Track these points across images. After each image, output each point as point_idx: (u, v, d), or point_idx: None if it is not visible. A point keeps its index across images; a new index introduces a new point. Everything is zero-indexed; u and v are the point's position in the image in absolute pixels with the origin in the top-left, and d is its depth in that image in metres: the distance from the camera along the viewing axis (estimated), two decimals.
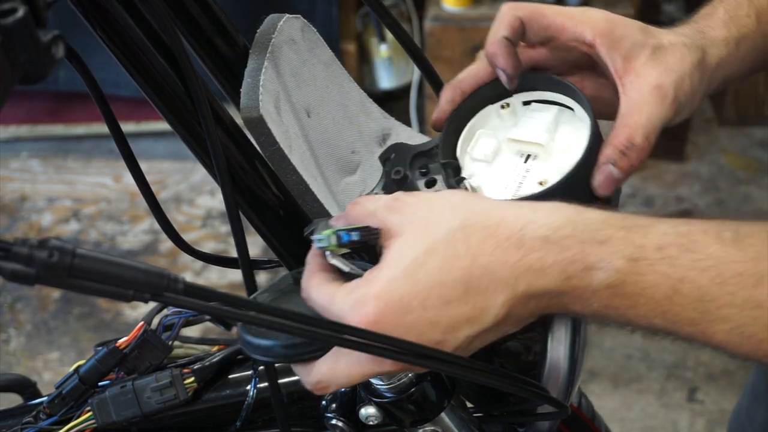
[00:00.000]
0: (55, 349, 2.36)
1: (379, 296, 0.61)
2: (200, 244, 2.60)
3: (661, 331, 0.63)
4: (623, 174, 0.73)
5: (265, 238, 0.81)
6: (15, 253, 0.51)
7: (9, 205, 2.82)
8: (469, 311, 0.62)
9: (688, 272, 0.60)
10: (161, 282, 0.55)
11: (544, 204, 0.65)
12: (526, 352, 0.83)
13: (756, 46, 0.83)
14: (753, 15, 0.83)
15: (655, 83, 0.75)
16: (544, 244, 0.61)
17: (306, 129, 0.79)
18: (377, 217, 0.66)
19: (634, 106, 0.75)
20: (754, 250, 0.59)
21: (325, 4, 2.79)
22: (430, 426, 0.79)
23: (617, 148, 0.73)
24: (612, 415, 2.09)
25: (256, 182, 0.78)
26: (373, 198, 0.69)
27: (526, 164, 0.78)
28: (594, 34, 0.77)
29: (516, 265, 0.62)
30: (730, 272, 0.59)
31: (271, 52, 0.75)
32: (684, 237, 0.61)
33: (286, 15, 0.79)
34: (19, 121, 3.01)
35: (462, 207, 0.64)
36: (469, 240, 0.62)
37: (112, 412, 0.86)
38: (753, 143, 2.87)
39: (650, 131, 0.74)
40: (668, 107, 0.75)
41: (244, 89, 0.73)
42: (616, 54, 0.77)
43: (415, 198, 0.67)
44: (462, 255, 0.62)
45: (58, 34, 0.53)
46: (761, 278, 0.58)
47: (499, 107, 0.82)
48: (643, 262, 0.60)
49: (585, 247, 0.61)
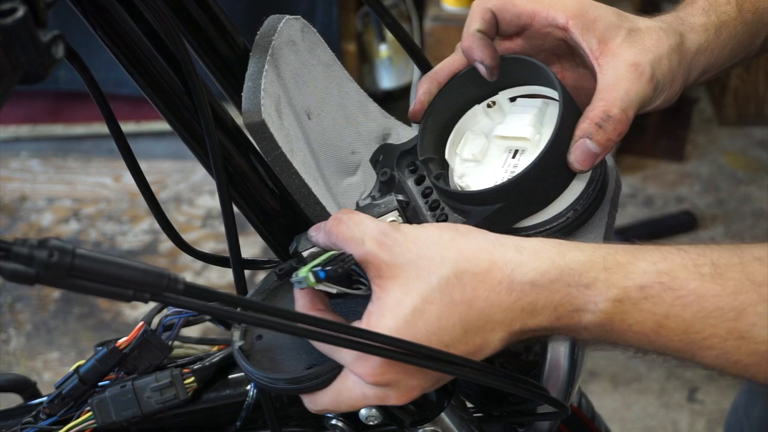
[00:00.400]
0: (55, 349, 2.36)
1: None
2: (200, 244, 2.60)
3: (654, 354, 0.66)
4: (601, 148, 0.73)
5: (264, 238, 0.81)
6: (15, 252, 0.51)
7: (9, 205, 2.82)
8: (468, 349, 0.65)
9: (671, 308, 0.62)
10: (161, 282, 0.55)
11: (529, 243, 0.66)
12: (526, 352, 0.83)
13: (737, 33, 0.82)
14: (734, 2, 0.82)
15: (632, 61, 0.75)
16: (532, 288, 0.64)
17: (307, 131, 0.79)
18: (365, 249, 0.66)
19: (611, 82, 0.75)
20: (733, 285, 0.62)
21: (326, 4, 2.79)
22: (430, 426, 0.79)
23: (593, 120, 0.73)
24: (612, 415, 2.09)
25: (256, 182, 0.78)
26: (358, 221, 0.68)
27: (514, 159, 0.78)
28: (567, 17, 0.77)
29: (509, 308, 0.64)
30: (712, 306, 0.62)
31: (272, 54, 0.75)
32: (665, 275, 0.63)
33: (285, 16, 0.79)
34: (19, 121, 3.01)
35: (452, 251, 0.65)
36: (464, 287, 0.64)
37: (112, 412, 0.86)
38: (753, 143, 2.87)
39: (627, 105, 0.74)
40: (646, 84, 0.75)
41: (245, 93, 0.73)
42: (591, 36, 0.76)
43: (404, 236, 0.67)
44: (458, 301, 0.64)
45: (58, 34, 0.53)
46: (742, 311, 0.61)
47: (486, 106, 0.82)
48: (627, 302, 0.63)
49: (571, 290, 0.64)
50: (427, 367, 0.65)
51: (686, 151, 2.81)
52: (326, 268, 0.65)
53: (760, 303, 0.61)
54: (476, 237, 0.67)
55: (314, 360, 0.70)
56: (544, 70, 0.77)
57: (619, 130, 0.73)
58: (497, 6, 0.79)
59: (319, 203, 0.76)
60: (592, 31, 0.76)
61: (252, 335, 0.72)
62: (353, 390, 0.66)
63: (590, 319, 0.64)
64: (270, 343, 0.72)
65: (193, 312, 0.89)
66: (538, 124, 0.78)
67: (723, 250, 0.64)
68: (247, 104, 0.73)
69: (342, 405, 0.68)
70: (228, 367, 0.91)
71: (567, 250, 0.65)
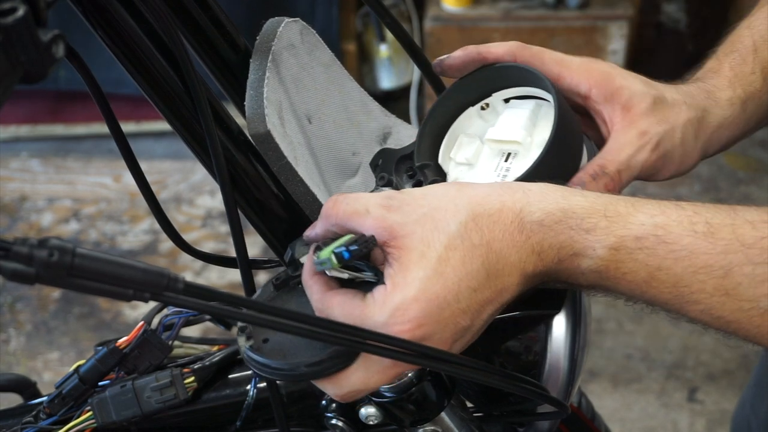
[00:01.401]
0: (55, 349, 2.36)
1: (417, 298, 0.64)
2: (200, 244, 2.60)
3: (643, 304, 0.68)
4: None
5: (265, 238, 0.81)
6: (15, 252, 0.51)
7: (9, 205, 2.82)
8: (491, 294, 0.66)
9: (663, 261, 0.65)
10: (161, 281, 0.55)
11: (534, 186, 0.68)
12: (526, 352, 0.83)
13: (762, 103, 0.83)
14: (758, 71, 0.83)
15: (643, 129, 0.77)
16: (540, 228, 0.66)
17: (308, 135, 0.79)
18: (372, 216, 0.66)
19: (617, 145, 0.77)
20: (723, 244, 0.64)
21: (325, 4, 2.79)
22: (430, 426, 0.79)
23: (587, 172, 0.75)
24: (612, 415, 2.09)
25: (256, 182, 0.78)
26: (356, 197, 0.68)
27: (506, 163, 0.78)
28: (590, 86, 0.79)
29: (522, 248, 0.66)
30: (701, 263, 0.64)
31: (272, 60, 0.75)
32: (660, 228, 0.65)
33: (285, 19, 0.79)
34: (19, 121, 3.01)
35: (462, 198, 0.67)
36: (481, 229, 0.65)
37: (112, 412, 0.86)
38: (753, 143, 2.87)
39: (624, 168, 0.76)
40: (649, 152, 0.77)
41: (248, 102, 0.73)
42: (616, 104, 0.78)
43: (410, 195, 0.68)
44: (477, 244, 0.65)
45: (58, 34, 0.53)
46: (730, 270, 0.64)
47: (479, 108, 0.82)
48: (623, 250, 0.65)
49: (573, 234, 0.66)
50: (426, 366, 0.65)
51: None
52: (350, 248, 0.64)
53: (747, 264, 0.63)
54: (480, 185, 0.69)
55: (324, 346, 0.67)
56: (537, 74, 0.77)
57: (609, 186, 0.75)
58: (524, 58, 0.79)
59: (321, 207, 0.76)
60: (617, 99, 0.78)
61: (258, 340, 0.71)
62: (381, 359, 0.65)
63: (588, 265, 0.66)
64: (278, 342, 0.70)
65: (193, 312, 0.89)
66: (531, 126, 0.78)
67: (718, 210, 0.66)
68: (251, 114, 0.73)
69: (372, 379, 0.67)
70: (228, 367, 0.91)
71: (570, 194, 0.67)
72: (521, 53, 0.80)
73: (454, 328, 0.65)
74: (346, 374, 0.67)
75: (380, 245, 0.66)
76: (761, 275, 0.63)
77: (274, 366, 0.68)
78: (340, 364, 0.66)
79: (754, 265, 0.63)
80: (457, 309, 0.65)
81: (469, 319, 0.66)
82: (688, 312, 0.66)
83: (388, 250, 0.66)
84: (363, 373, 0.67)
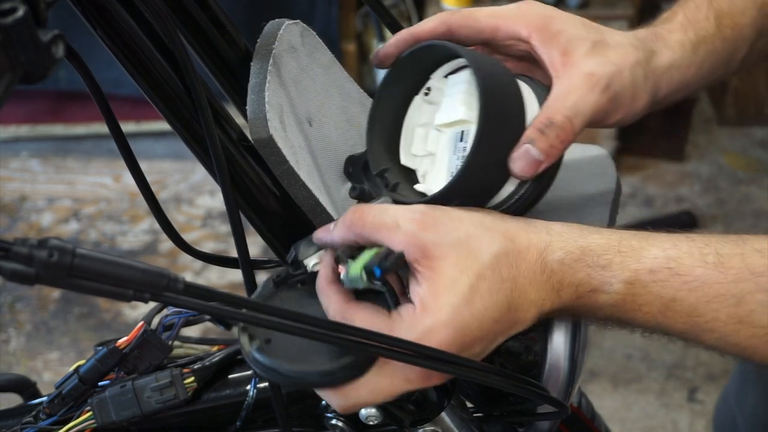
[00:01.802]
0: (55, 349, 2.36)
1: (447, 325, 0.65)
2: (200, 244, 2.60)
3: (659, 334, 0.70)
4: (543, 155, 0.72)
5: (265, 238, 0.81)
6: (15, 252, 0.51)
7: (9, 205, 2.82)
8: (506, 326, 0.68)
9: (677, 292, 0.66)
10: (161, 282, 0.55)
11: (555, 226, 0.70)
12: (526, 352, 0.83)
13: (715, 49, 0.82)
14: (712, 18, 0.82)
15: (588, 71, 0.75)
16: (560, 267, 0.67)
17: (309, 138, 0.79)
18: (403, 232, 0.66)
19: (562, 91, 0.74)
20: (734, 273, 0.66)
21: (325, 4, 2.79)
22: (430, 426, 0.79)
23: (535, 127, 0.72)
24: (612, 415, 2.09)
25: (256, 182, 0.78)
26: (384, 208, 0.68)
27: (462, 143, 0.75)
28: (529, 30, 0.77)
29: (542, 287, 0.67)
30: (714, 292, 0.66)
31: (273, 64, 0.75)
32: (673, 261, 0.67)
33: (285, 22, 0.78)
34: (19, 120, 3.01)
35: (496, 231, 0.68)
36: (510, 265, 0.67)
37: (112, 412, 0.86)
38: (753, 143, 2.87)
39: (573, 114, 0.73)
40: (599, 94, 0.74)
41: (249, 107, 0.73)
42: (554, 48, 0.76)
43: (446, 215, 0.68)
44: (505, 278, 0.67)
45: (58, 34, 0.53)
46: (742, 298, 0.65)
47: (423, 95, 0.79)
48: (638, 284, 0.67)
49: (590, 271, 0.67)
50: (427, 366, 0.65)
51: (686, 151, 2.81)
52: (383, 264, 0.64)
53: (759, 292, 0.65)
54: (510, 218, 0.71)
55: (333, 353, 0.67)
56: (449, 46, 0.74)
57: (561, 137, 0.72)
58: (457, 21, 0.77)
59: (326, 212, 0.76)
60: (555, 43, 0.76)
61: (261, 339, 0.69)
62: (396, 375, 0.66)
63: (605, 300, 0.67)
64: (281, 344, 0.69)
65: (193, 312, 0.89)
66: (471, 99, 0.74)
67: (726, 241, 0.67)
68: (253, 119, 0.73)
69: (381, 394, 0.67)
70: (228, 367, 0.91)
71: (587, 233, 0.69)
72: (452, 20, 0.77)
73: (469, 353, 0.67)
74: (355, 386, 0.67)
75: (409, 262, 0.66)
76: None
77: (283, 370, 0.67)
78: (352, 374, 0.66)
79: (765, 293, 0.65)
80: (477, 337, 0.66)
81: (483, 347, 0.67)
82: (705, 340, 0.68)
83: (419, 268, 0.66)
84: (373, 387, 0.67)
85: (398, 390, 0.67)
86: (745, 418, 1.24)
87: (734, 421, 1.27)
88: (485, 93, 0.70)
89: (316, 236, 0.72)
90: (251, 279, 0.78)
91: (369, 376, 0.66)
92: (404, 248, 0.66)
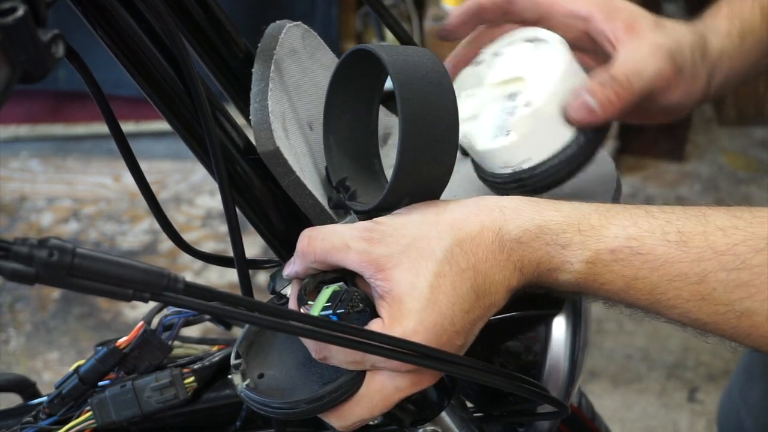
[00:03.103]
0: (55, 349, 2.36)
1: (417, 330, 0.64)
2: (200, 244, 2.60)
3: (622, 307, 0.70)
4: (598, 104, 0.74)
5: (264, 238, 0.81)
6: (15, 252, 0.51)
7: (9, 205, 2.82)
8: (480, 312, 0.67)
9: (639, 271, 0.66)
10: (161, 281, 0.55)
11: (508, 202, 0.69)
12: (526, 352, 0.83)
13: (762, 40, 0.83)
14: (758, 9, 0.83)
15: (653, 41, 0.76)
16: (518, 245, 0.67)
17: (310, 143, 0.79)
18: (354, 251, 0.66)
19: (626, 54, 0.76)
20: (696, 252, 0.65)
21: (325, 4, 2.79)
22: (430, 426, 0.79)
23: (596, 78, 0.75)
24: (612, 415, 2.09)
25: (257, 182, 0.78)
26: (331, 230, 0.68)
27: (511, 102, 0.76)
28: (589, 8, 0.78)
29: (505, 266, 0.67)
30: (676, 271, 0.65)
31: (275, 69, 0.75)
32: (634, 240, 0.66)
33: (287, 24, 0.78)
34: (19, 120, 3.01)
35: (442, 224, 0.67)
36: (466, 253, 0.66)
37: (111, 412, 0.86)
38: (753, 143, 2.87)
39: (635, 74, 0.75)
40: (663, 61, 0.76)
41: (253, 116, 0.73)
42: (618, 21, 0.77)
43: (389, 226, 0.67)
44: (465, 268, 0.66)
45: (58, 34, 0.53)
46: (704, 277, 0.65)
47: (473, 66, 0.81)
48: (599, 263, 0.67)
49: (549, 249, 0.67)
50: (427, 366, 0.65)
51: (686, 151, 2.81)
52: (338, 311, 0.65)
53: (721, 270, 0.65)
54: (456, 205, 0.69)
55: (326, 379, 0.68)
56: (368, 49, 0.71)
57: (619, 93, 0.74)
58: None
59: (331, 218, 0.76)
60: (618, 19, 0.77)
61: (253, 374, 0.71)
62: (386, 386, 0.66)
63: (566, 278, 0.68)
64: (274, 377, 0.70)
65: (193, 312, 0.89)
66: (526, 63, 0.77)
67: (688, 218, 0.67)
68: (258, 130, 0.72)
69: (377, 408, 0.68)
70: (228, 367, 0.91)
71: (544, 209, 0.68)
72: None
73: (451, 349, 0.66)
74: (350, 406, 0.67)
75: (367, 279, 0.66)
76: (735, 281, 0.64)
77: (274, 405, 0.68)
78: (341, 396, 0.67)
79: (727, 272, 0.64)
80: (452, 332, 0.66)
81: (463, 338, 0.67)
82: (666, 314, 0.68)
83: (376, 282, 0.66)
84: (367, 403, 0.67)
85: (392, 400, 0.67)
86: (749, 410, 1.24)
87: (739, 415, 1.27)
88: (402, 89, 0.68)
89: (283, 273, 0.72)
90: (246, 279, 0.78)
91: (360, 393, 0.67)
92: (357, 267, 0.66)
